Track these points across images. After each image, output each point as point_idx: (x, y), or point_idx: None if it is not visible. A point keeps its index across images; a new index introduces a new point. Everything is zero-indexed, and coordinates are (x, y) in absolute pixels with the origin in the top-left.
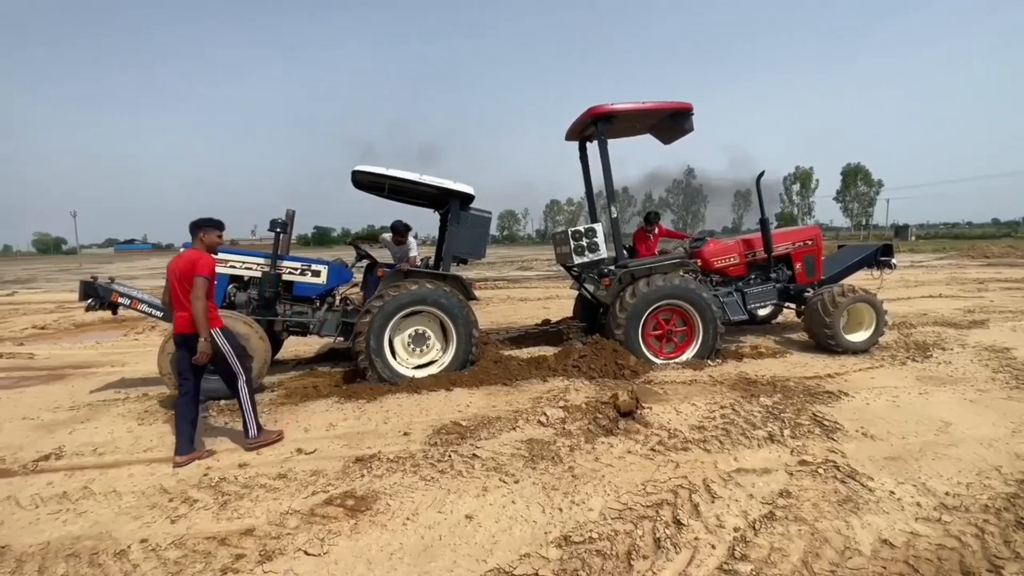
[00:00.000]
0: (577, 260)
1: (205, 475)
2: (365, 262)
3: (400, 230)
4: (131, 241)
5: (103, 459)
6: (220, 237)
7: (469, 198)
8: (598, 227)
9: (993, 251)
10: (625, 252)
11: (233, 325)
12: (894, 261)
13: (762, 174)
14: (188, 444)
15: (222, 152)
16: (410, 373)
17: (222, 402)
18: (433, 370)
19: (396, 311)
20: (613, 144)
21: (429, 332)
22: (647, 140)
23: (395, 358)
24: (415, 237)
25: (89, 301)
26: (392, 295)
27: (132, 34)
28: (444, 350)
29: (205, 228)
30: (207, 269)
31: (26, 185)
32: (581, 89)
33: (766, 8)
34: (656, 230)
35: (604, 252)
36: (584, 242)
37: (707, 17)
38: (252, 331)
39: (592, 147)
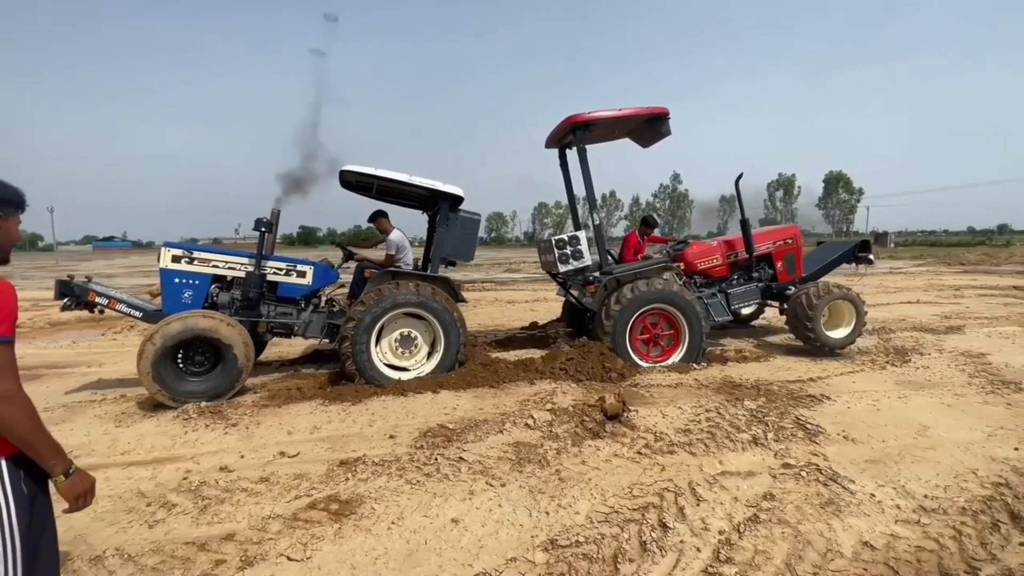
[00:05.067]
0: (562, 268)
1: (185, 479)
2: (352, 263)
3: (371, 219)
4: (110, 238)
5: (79, 462)
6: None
7: (458, 200)
8: (581, 235)
9: (969, 258)
10: (610, 257)
11: (215, 325)
12: (871, 256)
13: (740, 176)
14: None
15: (206, 148)
16: (397, 375)
17: (202, 403)
18: (420, 372)
19: (384, 312)
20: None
21: (416, 334)
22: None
23: (382, 360)
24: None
25: (65, 300)
26: (380, 296)
27: (112, 21)
28: (431, 353)
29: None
30: (9, 318)
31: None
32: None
33: (747, 15)
34: (651, 234)
35: (588, 259)
36: (568, 250)
37: (687, 21)
38: (235, 332)
39: (572, 154)
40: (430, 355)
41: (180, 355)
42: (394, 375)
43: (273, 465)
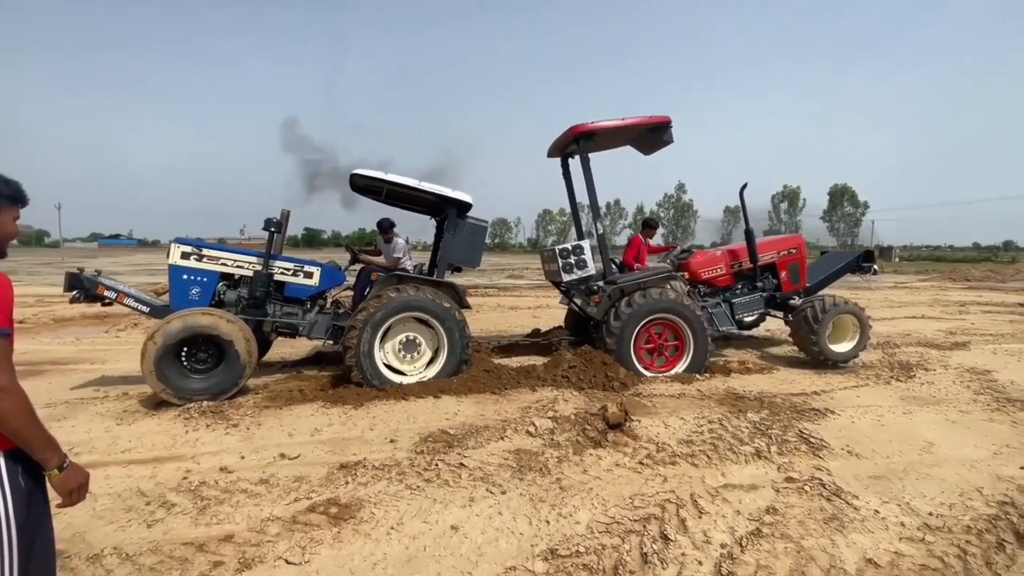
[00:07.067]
0: (566, 278)
1: (184, 478)
2: (359, 265)
3: (384, 227)
4: (116, 236)
5: (79, 459)
6: (16, 221)
7: (467, 206)
8: (585, 244)
9: (974, 274)
10: (614, 266)
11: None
12: (875, 267)
13: (745, 186)
14: None
15: (213, 148)
16: (399, 379)
17: (204, 402)
18: (424, 376)
19: (388, 316)
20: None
21: (420, 339)
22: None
23: (385, 363)
24: (407, 241)
25: (75, 293)
26: (385, 300)
27: (122, 18)
28: (435, 357)
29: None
30: (5, 310)
31: (7, 174)
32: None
33: (755, 32)
34: (652, 239)
35: (592, 269)
36: (572, 259)
37: (696, 37)
38: (235, 328)
39: (575, 163)
40: (433, 360)
41: (184, 353)
42: (397, 379)
43: (273, 467)
